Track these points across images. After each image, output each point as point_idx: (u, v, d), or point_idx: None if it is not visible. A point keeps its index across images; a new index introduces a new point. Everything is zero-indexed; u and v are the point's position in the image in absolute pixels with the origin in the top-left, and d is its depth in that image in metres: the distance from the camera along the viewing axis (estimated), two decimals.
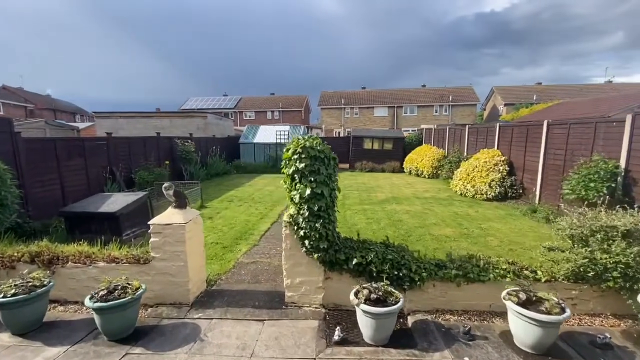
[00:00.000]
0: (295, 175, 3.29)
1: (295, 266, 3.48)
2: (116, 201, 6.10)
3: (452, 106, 40.73)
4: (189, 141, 12.72)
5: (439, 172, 14.74)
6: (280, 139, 17.65)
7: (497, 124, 10.68)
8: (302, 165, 3.17)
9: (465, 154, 12.96)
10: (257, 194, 10.67)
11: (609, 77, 41.59)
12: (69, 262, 3.62)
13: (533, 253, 5.32)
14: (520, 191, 9.31)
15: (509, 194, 9.47)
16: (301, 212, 3.28)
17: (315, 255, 3.33)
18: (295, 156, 3.24)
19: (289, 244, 3.47)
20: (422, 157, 15.67)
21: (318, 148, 3.25)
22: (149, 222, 3.49)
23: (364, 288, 2.94)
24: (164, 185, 3.51)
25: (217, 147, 15.92)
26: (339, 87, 45.78)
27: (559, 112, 18.11)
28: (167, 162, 11.34)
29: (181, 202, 3.61)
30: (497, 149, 10.57)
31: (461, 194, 10.36)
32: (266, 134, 18.54)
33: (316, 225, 3.24)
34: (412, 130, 31.51)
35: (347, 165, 20.98)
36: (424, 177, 15.01)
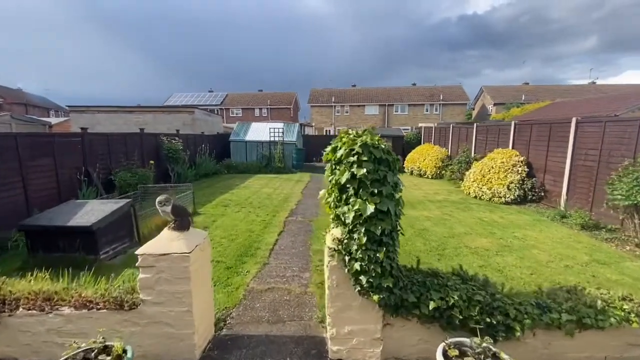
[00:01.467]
0: (349, 186, 2.35)
1: (343, 310, 2.54)
2: (92, 211, 4.97)
3: (443, 105, 40.59)
4: (176, 138, 11.50)
5: (443, 172, 14.08)
6: (273, 136, 16.57)
7: (513, 122, 10.03)
8: (363, 171, 2.24)
9: (473, 154, 12.31)
10: (255, 198, 9.62)
11: (592, 78, 42.38)
12: (20, 309, 2.55)
13: (592, 270, 4.59)
14: (542, 194, 8.67)
15: (529, 197, 8.83)
16: (356, 236, 2.34)
17: (375, 297, 2.40)
18: (352, 158, 2.30)
19: (336, 281, 2.52)
20: (424, 156, 14.97)
21: (383, 147, 2.32)
22: (136, 253, 2.46)
23: (462, 353, 2.04)
24: (158, 200, 2.48)
25: (206, 145, 14.70)
26: (325, 86, 44.68)
27: (557, 112, 17.84)
28: (151, 162, 10.12)
29: (183, 222, 2.59)
30: (513, 148, 9.92)
31: (476, 197, 9.66)
32: (258, 132, 17.42)
33: (377, 255, 2.31)
34: (405, 129, 31.04)
35: None
36: (427, 177, 14.32)
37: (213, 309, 3.09)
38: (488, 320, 2.35)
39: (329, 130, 41.07)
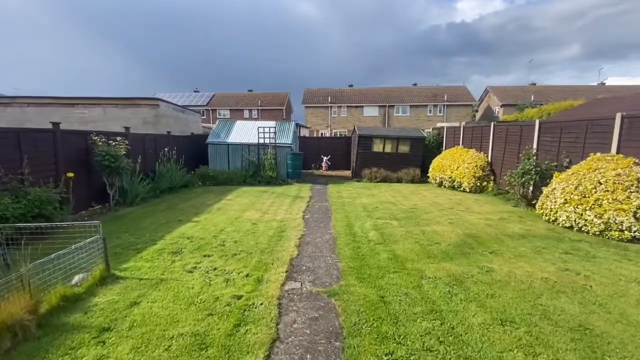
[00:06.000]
0: None
1: None
2: None
3: (447, 106, 37.76)
4: (118, 138, 7.85)
5: (485, 184, 10.80)
6: (264, 138, 13.05)
7: (619, 115, 6.75)
8: None
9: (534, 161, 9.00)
10: (231, 231, 6.08)
11: (602, 79, 40.08)
12: None
13: None
14: None
15: None
16: None
17: None
18: None
19: None
20: (457, 163, 11.65)
21: None
22: None
23: None
24: None
25: (174, 149, 11.08)
26: (319, 87, 40.96)
27: (604, 108, 14.77)
28: (69, 174, 6.48)
29: None
30: (618, 153, 6.66)
31: (570, 227, 6.33)
32: (245, 132, 13.88)
33: None
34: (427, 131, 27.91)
35: (348, 173, 16.69)
36: (464, 191, 11.00)
37: None
38: None
39: (324, 133, 37.79)
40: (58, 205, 5.56)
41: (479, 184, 10.82)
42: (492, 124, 11.60)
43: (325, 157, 18.42)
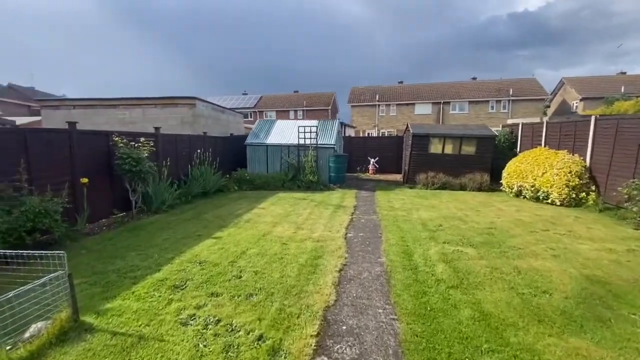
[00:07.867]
0: None
1: None
2: None
3: (513, 101, 33.47)
4: (143, 139, 7.09)
5: (581, 196, 8.34)
6: (304, 138, 11.82)
7: None
8: None
9: None
10: (254, 253, 4.82)
11: None
12: None
13: None
14: None
15: None
16: None
17: None
18: None
19: None
20: (541, 168, 9.26)
21: None
22: None
23: None
24: None
25: (209, 150, 10.32)
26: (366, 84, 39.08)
27: None
28: (83, 180, 5.78)
29: None
30: None
31: None
32: (285, 132, 12.79)
33: None
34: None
35: (399, 177, 14.82)
36: (552, 203, 8.61)
37: None
38: None
39: (371, 133, 35.81)
40: (59, 217, 4.77)
41: (574, 195, 8.38)
42: (592, 117, 9.01)
43: (372, 159, 16.71)
